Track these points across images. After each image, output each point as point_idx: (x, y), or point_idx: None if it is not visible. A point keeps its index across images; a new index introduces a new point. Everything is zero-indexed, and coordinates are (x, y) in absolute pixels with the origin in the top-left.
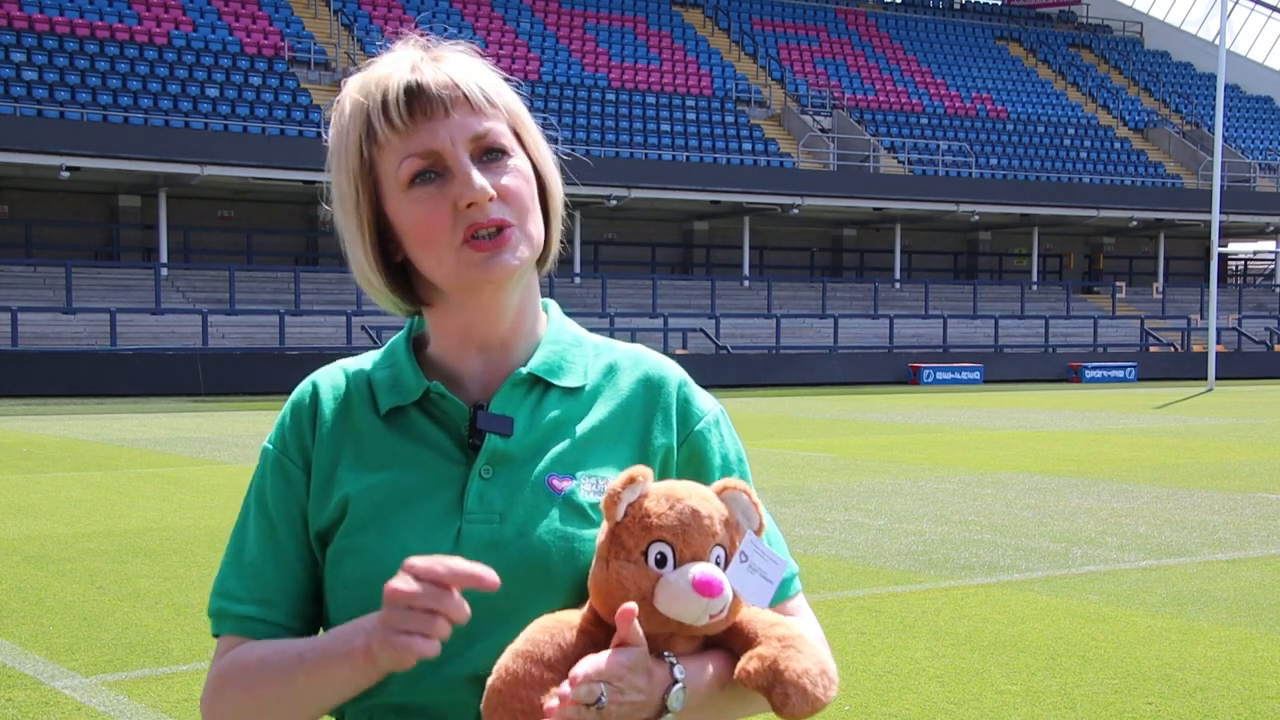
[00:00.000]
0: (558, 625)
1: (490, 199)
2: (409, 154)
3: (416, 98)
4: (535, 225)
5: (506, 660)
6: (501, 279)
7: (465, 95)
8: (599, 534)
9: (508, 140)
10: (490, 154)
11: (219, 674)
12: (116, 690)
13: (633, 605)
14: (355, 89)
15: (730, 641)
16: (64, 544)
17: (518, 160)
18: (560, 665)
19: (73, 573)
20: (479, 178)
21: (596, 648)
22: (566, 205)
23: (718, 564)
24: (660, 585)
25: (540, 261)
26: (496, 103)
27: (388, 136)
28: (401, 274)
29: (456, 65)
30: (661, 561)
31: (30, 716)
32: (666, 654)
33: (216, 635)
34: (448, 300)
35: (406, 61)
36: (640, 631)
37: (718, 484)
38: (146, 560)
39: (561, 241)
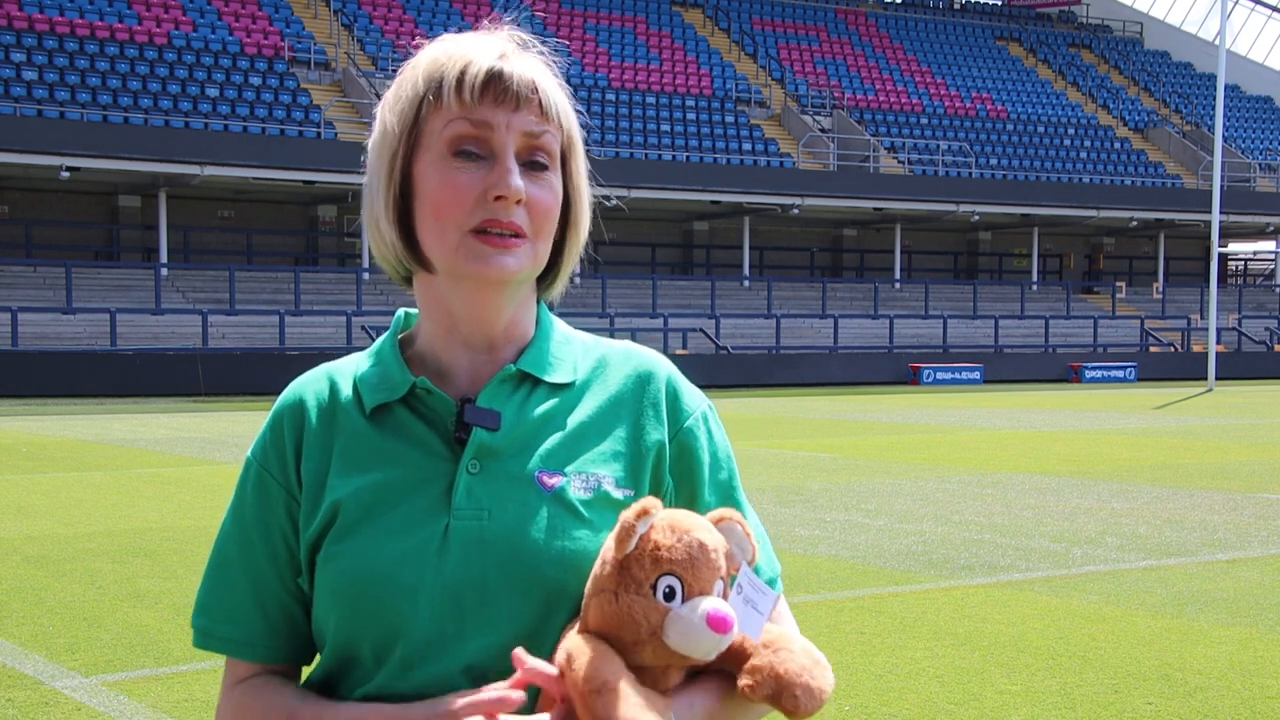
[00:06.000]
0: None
1: (518, 202)
2: (461, 117)
3: (495, 82)
4: (544, 247)
5: None
6: (496, 279)
7: (540, 100)
8: (598, 564)
9: (555, 156)
10: (534, 163)
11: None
12: (116, 690)
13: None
14: (438, 51)
15: (717, 663)
16: (64, 544)
17: (555, 179)
18: None
19: (73, 573)
20: (518, 178)
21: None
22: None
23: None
24: (671, 620)
25: (545, 286)
26: (562, 121)
27: (450, 102)
28: (410, 235)
29: (541, 69)
30: (670, 595)
31: (30, 716)
32: None
33: (200, 648)
34: (438, 280)
35: (496, 48)
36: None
37: (714, 514)
38: (146, 560)
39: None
